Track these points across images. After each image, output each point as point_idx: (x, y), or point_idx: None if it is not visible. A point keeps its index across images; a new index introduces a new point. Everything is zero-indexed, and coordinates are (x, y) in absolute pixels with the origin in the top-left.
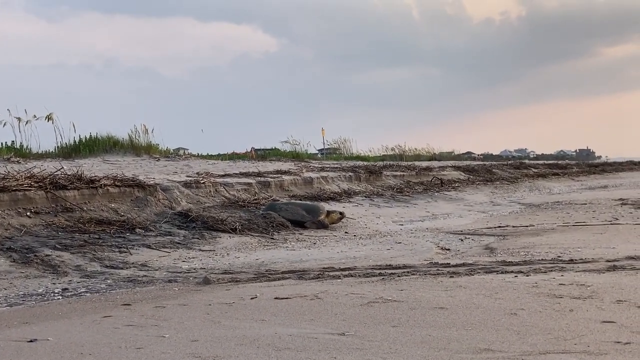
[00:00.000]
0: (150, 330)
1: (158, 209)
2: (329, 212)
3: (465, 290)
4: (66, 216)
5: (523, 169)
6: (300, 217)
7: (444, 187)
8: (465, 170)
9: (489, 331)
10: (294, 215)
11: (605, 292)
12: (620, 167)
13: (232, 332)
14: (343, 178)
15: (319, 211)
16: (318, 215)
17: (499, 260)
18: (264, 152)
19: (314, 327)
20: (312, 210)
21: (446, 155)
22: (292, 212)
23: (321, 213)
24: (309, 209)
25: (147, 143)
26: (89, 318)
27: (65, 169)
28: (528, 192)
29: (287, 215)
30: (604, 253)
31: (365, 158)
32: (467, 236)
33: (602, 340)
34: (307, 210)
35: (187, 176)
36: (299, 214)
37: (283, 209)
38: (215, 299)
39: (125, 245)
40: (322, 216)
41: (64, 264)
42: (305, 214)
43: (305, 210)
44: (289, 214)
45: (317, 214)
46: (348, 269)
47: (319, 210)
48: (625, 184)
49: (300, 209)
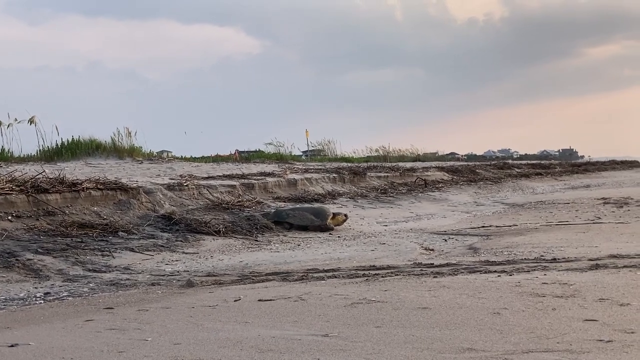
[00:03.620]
0: (133, 334)
1: (141, 212)
2: (334, 214)
3: (448, 290)
4: (48, 220)
5: (506, 169)
6: (309, 222)
7: (428, 187)
8: (449, 170)
9: (472, 331)
10: (303, 220)
11: (588, 290)
12: (603, 166)
13: (215, 335)
14: (327, 179)
15: (326, 214)
16: (326, 219)
17: (483, 260)
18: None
19: (298, 329)
20: (319, 214)
21: (430, 156)
22: (300, 217)
23: (328, 216)
24: (317, 213)
25: (130, 146)
26: (71, 322)
27: (47, 173)
28: (511, 192)
29: (296, 221)
30: (586, 252)
31: (350, 159)
32: (451, 236)
33: (585, 338)
34: (314, 214)
35: (171, 179)
36: (307, 218)
37: (290, 215)
38: (198, 302)
39: (108, 249)
40: (329, 219)
41: (46, 268)
42: (314, 218)
43: (313, 215)
44: (298, 219)
45: (325, 217)
46: (332, 270)
47: (326, 213)
48: (608, 183)
49: (308, 213)
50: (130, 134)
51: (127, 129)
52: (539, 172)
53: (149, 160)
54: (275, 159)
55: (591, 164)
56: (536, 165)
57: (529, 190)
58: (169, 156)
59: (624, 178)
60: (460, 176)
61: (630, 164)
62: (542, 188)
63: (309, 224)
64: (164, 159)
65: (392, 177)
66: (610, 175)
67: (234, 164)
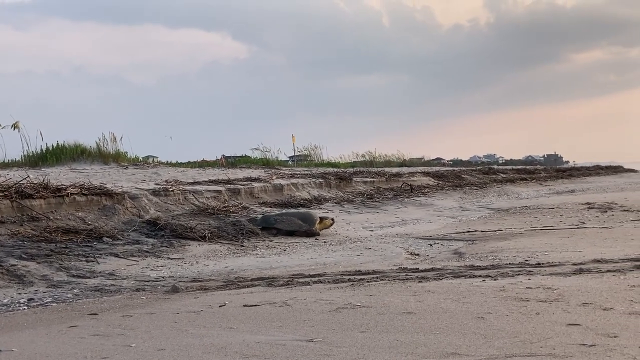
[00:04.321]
0: (117, 340)
1: (126, 218)
2: (321, 218)
3: (433, 295)
4: (32, 225)
5: (492, 174)
6: (297, 227)
7: (414, 192)
8: (434, 175)
9: (456, 335)
10: (291, 225)
11: (572, 295)
12: (588, 172)
13: (200, 341)
14: (313, 185)
15: (313, 219)
16: (314, 223)
17: (467, 265)
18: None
19: (283, 334)
20: (307, 219)
21: (416, 161)
22: (288, 222)
23: (315, 220)
24: (304, 218)
25: (116, 151)
26: (54, 328)
27: (31, 178)
28: (497, 197)
29: (284, 226)
30: (570, 256)
31: (336, 164)
32: (436, 241)
33: (568, 342)
34: (302, 219)
35: (156, 184)
36: (295, 223)
37: (278, 220)
38: (183, 307)
39: (93, 254)
40: (317, 223)
41: (30, 273)
42: (302, 223)
43: (301, 220)
44: (286, 224)
45: (312, 222)
46: (317, 276)
47: (314, 218)
48: (592, 189)
49: (296, 218)
50: (115, 139)
51: (112, 134)
52: (524, 177)
53: (134, 166)
54: (262, 164)
55: (576, 169)
56: (521, 171)
57: (514, 195)
58: (155, 161)
59: (608, 183)
60: (446, 181)
61: (615, 170)
62: (527, 193)
63: (297, 229)
64: (150, 164)
65: (378, 182)
66: (594, 180)
67: (220, 169)
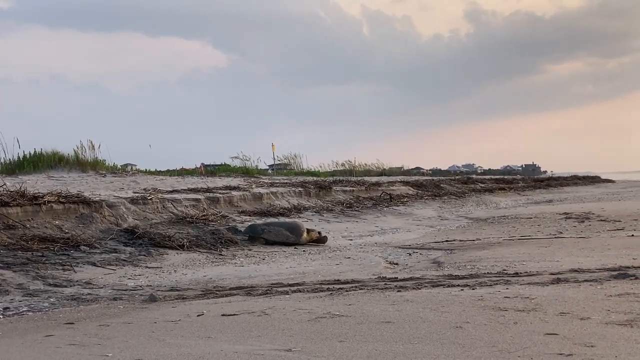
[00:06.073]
0: (93, 349)
1: (104, 226)
2: (308, 230)
3: (412, 304)
4: (8, 233)
5: (470, 184)
6: (285, 238)
7: (393, 202)
8: (414, 185)
9: (434, 345)
10: (279, 236)
11: (549, 304)
12: (565, 181)
13: (177, 350)
14: (293, 193)
15: (300, 230)
16: (301, 235)
17: (446, 274)
18: (214, 167)
19: (261, 344)
20: (294, 230)
21: (396, 170)
22: (275, 233)
23: (303, 232)
24: (292, 229)
25: (94, 159)
26: (30, 337)
27: (7, 186)
28: (475, 207)
29: (272, 237)
30: (548, 266)
31: (316, 173)
32: (415, 250)
33: (545, 352)
34: (290, 230)
35: (134, 192)
36: (283, 234)
37: (266, 230)
38: (160, 317)
39: (70, 263)
40: (304, 235)
41: (6, 282)
42: (289, 234)
43: (288, 230)
44: (273, 235)
45: (300, 233)
46: (296, 285)
47: (301, 229)
48: (570, 198)
49: (283, 229)
50: (93, 147)
51: (90, 142)
52: (503, 187)
53: (112, 174)
54: (242, 172)
55: (554, 179)
56: (500, 180)
57: (492, 205)
58: (133, 169)
59: (586, 193)
60: (425, 191)
61: (592, 180)
62: (506, 203)
63: (284, 240)
64: (128, 173)
65: (357, 191)
66: (572, 190)
67: (200, 178)
